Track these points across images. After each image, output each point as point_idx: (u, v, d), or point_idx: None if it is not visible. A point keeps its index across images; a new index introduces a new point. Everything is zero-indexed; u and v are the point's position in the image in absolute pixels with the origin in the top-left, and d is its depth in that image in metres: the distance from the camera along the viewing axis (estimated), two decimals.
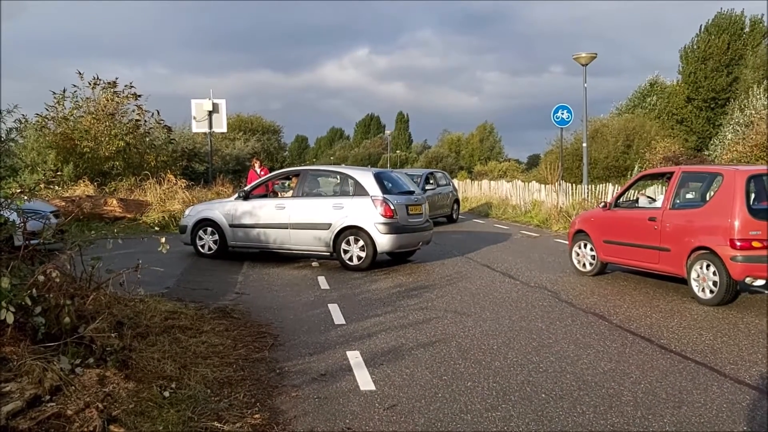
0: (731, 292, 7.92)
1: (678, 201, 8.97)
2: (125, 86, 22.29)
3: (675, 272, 8.69)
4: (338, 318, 7.34)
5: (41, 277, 4.78)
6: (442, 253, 13.05)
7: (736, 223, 7.79)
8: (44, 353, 4.44)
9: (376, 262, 10.97)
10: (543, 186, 23.33)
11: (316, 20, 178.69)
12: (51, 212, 11.53)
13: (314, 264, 11.51)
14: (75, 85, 21.50)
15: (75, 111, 21.48)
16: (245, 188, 12.74)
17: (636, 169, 30.91)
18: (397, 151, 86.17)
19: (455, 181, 29.41)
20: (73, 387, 4.26)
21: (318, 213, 11.19)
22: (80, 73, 21.28)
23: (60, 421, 3.96)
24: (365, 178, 11.21)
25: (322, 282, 9.67)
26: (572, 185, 21.22)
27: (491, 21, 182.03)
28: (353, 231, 10.90)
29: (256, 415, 4.44)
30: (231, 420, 4.33)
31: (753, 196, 8.22)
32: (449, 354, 5.97)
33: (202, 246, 12.05)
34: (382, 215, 10.76)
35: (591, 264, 10.18)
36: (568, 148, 34.17)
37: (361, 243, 10.84)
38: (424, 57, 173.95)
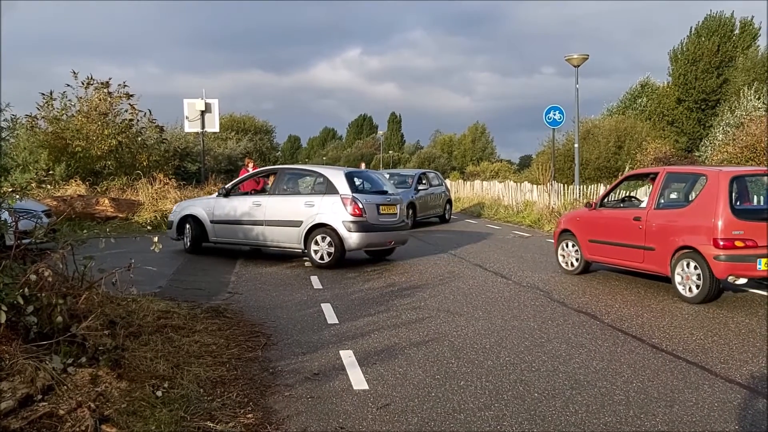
0: (714, 291, 8.11)
1: (663, 201, 9.14)
2: (119, 85, 22.22)
3: (659, 271, 8.84)
4: (331, 317, 7.34)
5: (33, 276, 4.75)
6: (435, 253, 13.07)
7: (720, 223, 7.96)
8: (36, 352, 4.42)
9: (371, 260, 11.00)
10: (535, 186, 23.42)
11: (308, 20, 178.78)
12: (43, 211, 11.49)
13: (307, 264, 11.49)
14: (69, 85, 21.42)
15: (66, 111, 21.37)
16: (226, 186, 13.03)
17: (627, 169, 31.09)
18: (390, 152, 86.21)
19: (447, 182, 29.46)
20: (65, 386, 4.24)
21: (291, 210, 11.36)
22: (74, 73, 21.21)
23: (52, 420, 3.94)
24: (336, 177, 11.32)
25: (315, 281, 9.66)
26: (564, 186, 21.30)
27: (482, 22, 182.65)
28: (322, 228, 11.03)
29: (249, 415, 4.44)
30: (224, 419, 4.32)
31: (736, 196, 8.40)
32: (442, 353, 5.98)
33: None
34: (350, 213, 10.87)
35: (576, 263, 10.39)
36: (560, 148, 34.27)
37: (329, 240, 10.95)
38: (416, 57, 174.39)
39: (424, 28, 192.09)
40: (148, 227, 15.99)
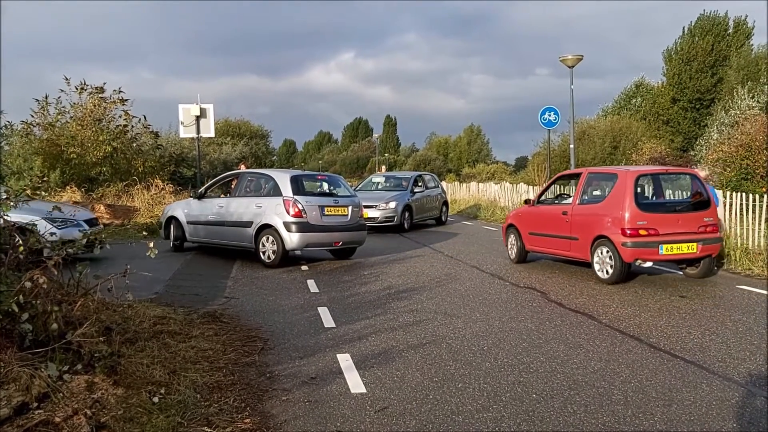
0: (624, 272, 9.42)
1: (585, 197, 10.44)
2: (113, 91, 22.15)
3: (582, 257, 10.14)
4: (328, 321, 7.32)
5: (28, 284, 4.73)
6: (431, 255, 13.06)
7: (626, 215, 9.30)
8: (31, 360, 4.40)
9: (370, 263, 10.94)
10: (531, 187, 23.43)
11: (302, 24, 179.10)
12: (85, 220, 11.36)
13: (303, 267, 11.48)
14: (62, 90, 21.33)
15: (61, 117, 21.30)
16: (200, 189, 13.82)
17: None
18: (386, 155, 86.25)
19: (443, 184, 29.46)
20: (61, 394, 4.22)
21: (244, 212, 12.02)
22: (67, 79, 21.14)
23: (48, 428, 3.92)
24: (282, 179, 11.83)
25: (312, 285, 9.64)
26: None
27: (476, 23, 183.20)
28: (268, 229, 11.52)
29: (247, 420, 4.42)
30: (221, 425, 4.30)
31: (641, 192, 9.84)
32: (440, 355, 5.96)
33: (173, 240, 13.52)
34: (290, 214, 11.33)
35: (516, 252, 11.94)
36: (555, 149, 34.33)
37: (272, 240, 11.42)
38: (410, 60, 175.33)
39: (418, 30, 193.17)
40: (144, 233, 15.93)
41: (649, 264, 9.72)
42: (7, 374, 4.17)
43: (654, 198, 10.35)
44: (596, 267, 9.72)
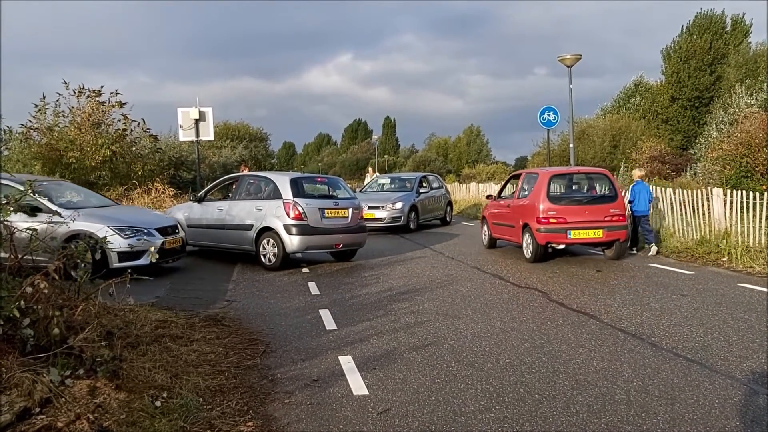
0: (540, 253, 11.73)
1: (525, 193, 12.45)
2: (111, 93, 22.11)
3: (518, 241, 12.44)
4: (329, 323, 7.32)
5: (29, 289, 4.73)
6: (432, 257, 13.06)
7: (541, 207, 11.53)
8: (33, 365, 4.39)
9: (369, 265, 10.92)
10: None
11: (299, 26, 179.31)
12: (158, 228, 10.59)
13: (304, 270, 11.48)
14: (59, 93, 21.28)
15: (59, 120, 21.25)
16: (200, 192, 13.77)
17: (622, 168, 31.18)
18: (385, 156, 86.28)
19: None
20: (63, 399, 4.22)
21: (245, 215, 12.02)
22: (65, 82, 21.09)
23: None
24: (282, 182, 11.82)
25: (313, 288, 9.63)
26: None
27: (473, 24, 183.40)
28: (269, 232, 11.52)
29: (249, 423, 4.41)
30: (224, 428, 4.30)
31: (553, 188, 12.14)
32: (442, 357, 5.96)
33: None
34: (290, 217, 11.33)
35: (486, 240, 14.40)
36: (555, 149, 34.34)
37: (273, 242, 11.45)
38: (408, 61, 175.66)
39: (415, 31, 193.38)
40: None
41: (562, 246, 11.81)
42: (9, 380, 4.16)
43: (570, 193, 12.49)
44: (524, 248, 12.04)
